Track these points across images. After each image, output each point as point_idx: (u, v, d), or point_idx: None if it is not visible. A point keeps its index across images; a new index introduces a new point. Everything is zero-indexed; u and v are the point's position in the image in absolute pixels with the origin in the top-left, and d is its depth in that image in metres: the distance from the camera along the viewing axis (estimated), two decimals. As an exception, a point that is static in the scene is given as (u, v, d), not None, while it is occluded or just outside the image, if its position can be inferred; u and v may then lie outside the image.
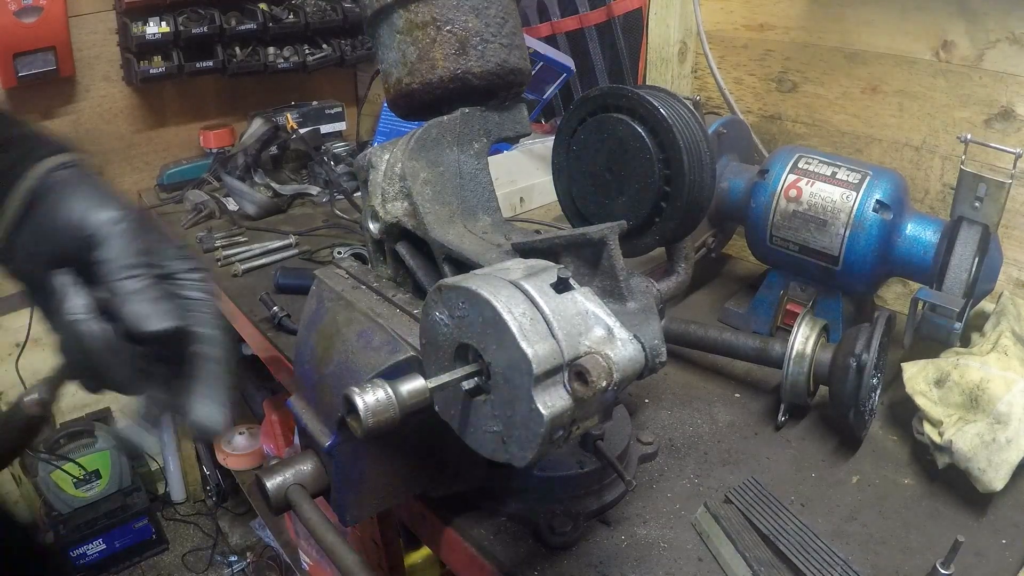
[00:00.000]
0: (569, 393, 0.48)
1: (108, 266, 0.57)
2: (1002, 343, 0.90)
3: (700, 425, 0.98)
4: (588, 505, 0.80)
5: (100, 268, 0.57)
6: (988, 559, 0.78)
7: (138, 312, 0.56)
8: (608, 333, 0.51)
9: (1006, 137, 1.09)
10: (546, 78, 1.64)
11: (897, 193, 1.02)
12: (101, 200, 0.60)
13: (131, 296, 0.56)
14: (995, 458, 0.80)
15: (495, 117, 0.76)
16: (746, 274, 1.39)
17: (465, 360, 0.51)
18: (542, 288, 0.50)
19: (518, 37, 0.74)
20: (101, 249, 0.58)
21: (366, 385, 0.41)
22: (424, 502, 0.85)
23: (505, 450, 0.50)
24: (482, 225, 0.74)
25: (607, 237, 0.60)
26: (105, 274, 0.57)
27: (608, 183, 0.87)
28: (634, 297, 0.61)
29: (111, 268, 0.57)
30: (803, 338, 0.93)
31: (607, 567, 0.75)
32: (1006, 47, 1.07)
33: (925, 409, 0.87)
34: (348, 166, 1.81)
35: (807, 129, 1.35)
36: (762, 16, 1.36)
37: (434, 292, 0.52)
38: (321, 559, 1.80)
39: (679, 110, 0.84)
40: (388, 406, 0.41)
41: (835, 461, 0.92)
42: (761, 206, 1.11)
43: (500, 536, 0.79)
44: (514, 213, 1.53)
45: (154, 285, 0.58)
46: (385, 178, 0.75)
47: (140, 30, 1.73)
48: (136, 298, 0.56)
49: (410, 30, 0.70)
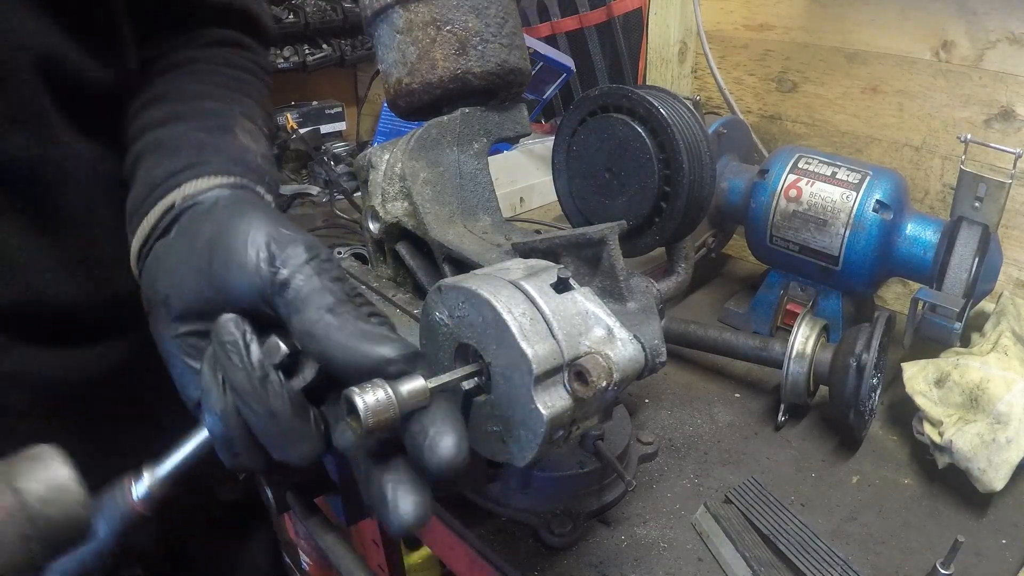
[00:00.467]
0: (569, 393, 0.48)
1: (304, 309, 0.44)
2: (1002, 343, 0.90)
3: (700, 425, 0.98)
4: (588, 505, 0.80)
5: (291, 311, 0.45)
6: (988, 559, 0.78)
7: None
8: (608, 333, 0.51)
9: (1006, 137, 1.09)
10: (546, 78, 1.64)
11: (897, 193, 1.02)
12: (283, 231, 0.48)
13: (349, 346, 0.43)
14: (995, 458, 0.80)
15: (495, 117, 0.76)
16: (746, 274, 1.39)
17: (465, 360, 0.51)
18: (542, 288, 0.50)
19: (518, 37, 0.74)
20: (291, 289, 0.45)
21: (366, 385, 0.41)
22: (424, 502, 0.85)
23: (505, 450, 0.50)
24: (482, 225, 0.74)
25: (607, 237, 0.60)
26: (300, 319, 0.44)
27: (608, 183, 0.87)
28: (634, 297, 0.61)
29: (308, 312, 0.44)
30: (803, 338, 0.93)
31: (607, 567, 0.75)
32: (1006, 47, 1.07)
33: (925, 409, 0.87)
34: (348, 166, 1.81)
35: (807, 129, 1.35)
36: (762, 16, 1.36)
37: (434, 292, 0.52)
38: (321, 559, 1.81)
39: (679, 110, 0.84)
40: (388, 406, 0.41)
41: (835, 461, 0.92)
42: (761, 206, 1.11)
43: (500, 536, 0.79)
44: (514, 213, 1.53)
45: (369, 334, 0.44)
46: (385, 178, 0.75)
47: (140, 30, 1.73)
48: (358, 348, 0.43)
49: (410, 30, 0.70)
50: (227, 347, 0.44)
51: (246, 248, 0.46)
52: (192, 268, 0.49)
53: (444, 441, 0.41)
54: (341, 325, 0.43)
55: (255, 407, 0.43)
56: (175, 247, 0.52)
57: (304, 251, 0.46)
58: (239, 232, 0.48)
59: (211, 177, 0.56)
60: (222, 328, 0.45)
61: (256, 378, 0.43)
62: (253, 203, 0.53)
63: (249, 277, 0.46)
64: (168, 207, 0.54)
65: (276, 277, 0.45)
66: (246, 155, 0.61)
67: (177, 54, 0.70)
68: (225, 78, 0.70)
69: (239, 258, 0.46)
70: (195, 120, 0.62)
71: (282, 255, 0.46)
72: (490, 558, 0.78)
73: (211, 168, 0.57)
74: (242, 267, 0.46)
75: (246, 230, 0.47)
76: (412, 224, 0.74)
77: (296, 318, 0.44)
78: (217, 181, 0.56)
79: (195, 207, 0.53)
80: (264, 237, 0.47)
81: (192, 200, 0.54)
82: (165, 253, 0.52)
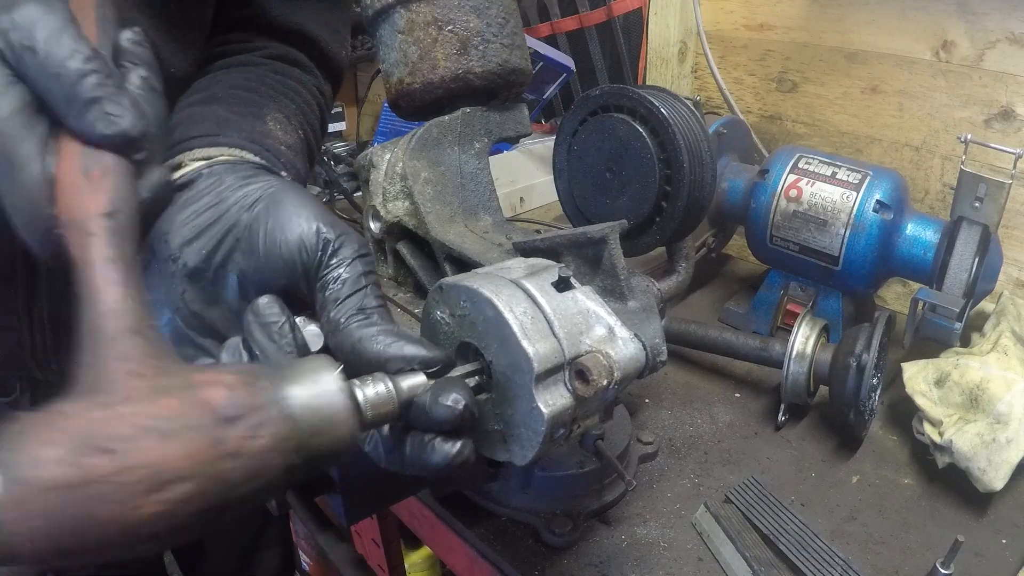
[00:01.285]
0: (570, 392, 0.48)
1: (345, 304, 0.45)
2: (1002, 343, 0.90)
3: (700, 425, 0.98)
4: (588, 505, 0.80)
5: (329, 302, 0.45)
6: (988, 559, 0.78)
7: None
8: (609, 332, 0.51)
9: (1006, 137, 1.09)
10: (546, 78, 1.64)
11: (897, 193, 1.02)
12: (316, 211, 0.48)
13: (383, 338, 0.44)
14: (995, 458, 0.80)
15: (496, 117, 0.76)
16: (746, 274, 1.39)
17: (466, 359, 0.51)
18: (543, 287, 0.51)
19: (519, 37, 0.74)
20: (337, 281, 0.45)
21: (367, 378, 0.41)
22: (424, 502, 0.85)
23: (506, 449, 0.50)
24: (483, 225, 0.74)
25: (608, 236, 0.60)
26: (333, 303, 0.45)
27: (609, 183, 0.87)
28: (635, 296, 0.61)
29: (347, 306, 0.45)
30: (803, 338, 0.93)
31: (607, 567, 0.75)
32: (1006, 47, 1.07)
33: (925, 409, 0.87)
34: (348, 166, 1.81)
35: (807, 129, 1.35)
36: (762, 16, 1.36)
37: (435, 291, 0.52)
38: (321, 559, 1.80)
39: (680, 110, 0.84)
40: (388, 400, 0.41)
41: (835, 461, 0.92)
42: (761, 206, 1.11)
43: (500, 536, 0.79)
44: (514, 213, 1.53)
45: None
46: (386, 178, 0.75)
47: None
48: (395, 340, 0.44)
49: (411, 30, 0.70)
50: (272, 329, 0.43)
51: (301, 225, 0.46)
52: (223, 226, 0.48)
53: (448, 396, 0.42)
54: (375, 328, 0.44)
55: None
56: (200, 201, 0.49)
57: (355, 244, 0.47)
58: (290, 207, 0.47)
59: (223, 148, 0.55)
60: (265, 309, 0.44)
61: None
62: (294, 186, 0.51)
63: (297, 255, 0.46)
64: (178, 164, 0.53)
65: (326, 265, 0.45)
66: (266, 139, 0.60)
67: (233, 57, 0.71)
68: (272, 80, 0.70)
69: (289, 234, 0.46)
70: (228, 103, 0.62)
71: (336, 242, 0.46)
72: (490, 558, 0.78)
73: (225, 140, 0.56)
74: (290, 244, 0.46)
75: (298, 209, 0.47)
76: (413, 223, 0.74)
77: (335, 309, 0.44)
78: (228, 152, 0.55)
79: (223, 174, 0.51)
80: (317, 221, 0.46)
81: (214, 164, 0.52)
82: (186, 204, 0.49)
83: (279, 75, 0.71)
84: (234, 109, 0.62)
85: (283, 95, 0.69)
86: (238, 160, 0.54)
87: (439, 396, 0.42)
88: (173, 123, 0.59)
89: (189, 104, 0.62)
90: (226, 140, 0.56)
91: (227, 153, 0.55)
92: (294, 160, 0.62)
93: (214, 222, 0.48)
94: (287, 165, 0.60)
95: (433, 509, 0.84)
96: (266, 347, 0.43)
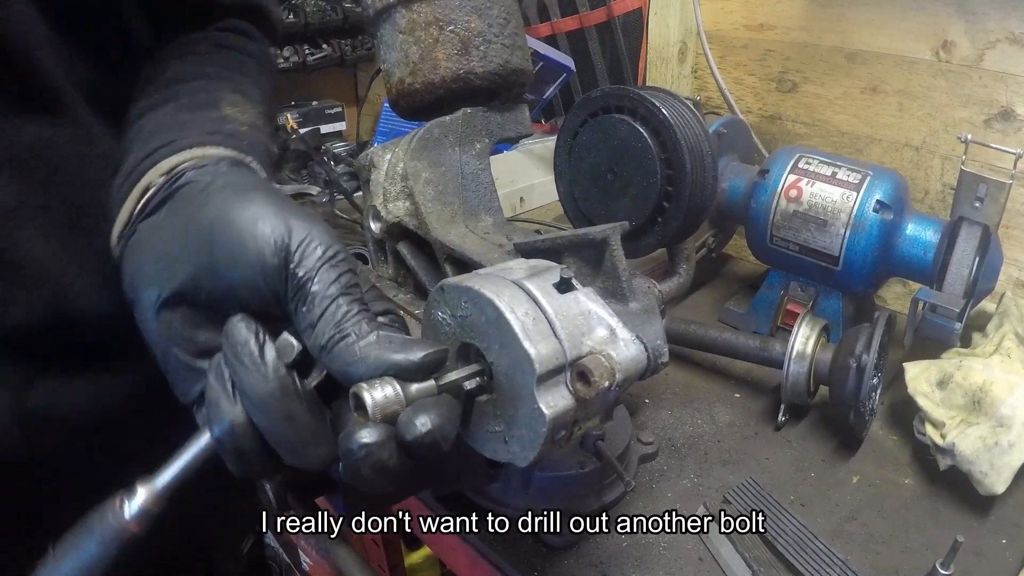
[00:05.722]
0: (571, 393, 0.48)
1: (323, 321, 0.43)
2: (1005, 345, 0.90)
3: (700, 425, 0.98)
4: (588, 505, 0.80)
5: (307, 320, 0.44)
6: (988, 559, 0.78)
7: None
8: (611, 333, 0.51)
9: (1006, 137, 1.09)
10: (546, 78, 1.64)
11: (897, 193, 1.02)
12: (294, 220, 0.45)
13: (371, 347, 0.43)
14: (997, 461, 0.80)
15: (497, 117, 0.76)
16: (746, 274, 1.39)
17: (467, 360, 0.51)
18: (545, 288, 0.50)
19: (520, 37, 0.74)
20: (308, 296, 0.43)
21: (374, 381, 0.41)
22: (424, 502, 0.85)
23: (507, 450, 0.50)
24: (484, 225, 0.74)
25: (609, 237, 0.60)
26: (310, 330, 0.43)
27: (610, 184, 0.87)
28: (636, 298, 0.61)
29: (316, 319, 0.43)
30: (803, 338, 0.93)
31: (607, 567, 0.75)
32: (1006, 47, 1.07)
33: (927, 410, 0.87)
34: (348, 166, 1.81)
35: (807, 129, 1.35)
36: (762, 16, 1.36)
37: (436, 292, 0.52)
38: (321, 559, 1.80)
39: (680, 110, 0.84)
40: (395, 402, 0.41)
41: (835, 461, 0.92)
42: (761, 206, 1.11)
43: (500, 536, 0.79)
44: (514, 213, 1.53)
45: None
46: (387, 178, 0.75)
47: (140, 29, 1.73)
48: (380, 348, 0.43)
49: (412, 30, 0.70)
50: (239, 350, 0.42)
51: (256, 240, 0.44)
52: (188, 252, 0.46)
53: (420, 418, 0.42)
54: (356, 347, 0.43)
55: (272, 412, 0.42)
56: (166, 228, 0.48)
57: (319, 248, 0.44)
58: (244, 220, 0.45)
59: (186, 151, 0.52)
60: (233, 331, 0.43)
61: (272, 382, 0.42)
62: (254, 185, 0.49)
63: (260, 273, 0.44)
64: (146, 187, 0.51)
65: (292, 279, 0.43)
66: (225, 126, 0.57)
67: (176, 44, 0.67)
68: (220, 58, 0.67)
69: (248, 252, 0.44)
70: (180, 99, 0.58)
71: (298, 252, 0.44)
72: (490, 558, 0.78)
73: (187, 142, 0.53)
74: (251, 263, 0.44)
75: (253, 220, 0.44)
76: (414, 224, 0.74)
77: (312, 336, 0.43)
78: (194, 154, 0.52)
79: (188, 186, 0.49)
80: (275, 229, 0.44)
81: (179, 174, 0.50)
82: (152, 234, 0.48)
83: (227, 50, 0.68)
84: (190, 103, 0.58)
85: (236, 71, 0.66)
86: (202, 164, 0.51)
87: (413, 417, 0.42)
88: (128, 141, 0.56)
89: (139, 115, 0.58)
90: (187, 142, 0.53)
91: (190, 157, 0.52)
92: (257, 137, 0.59)
93: (179, 253, 0.46)
94: (252, 146, 0.57)
95: (433, 509, 0.84)
96: (237, 368, 0.42)
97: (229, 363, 0.43)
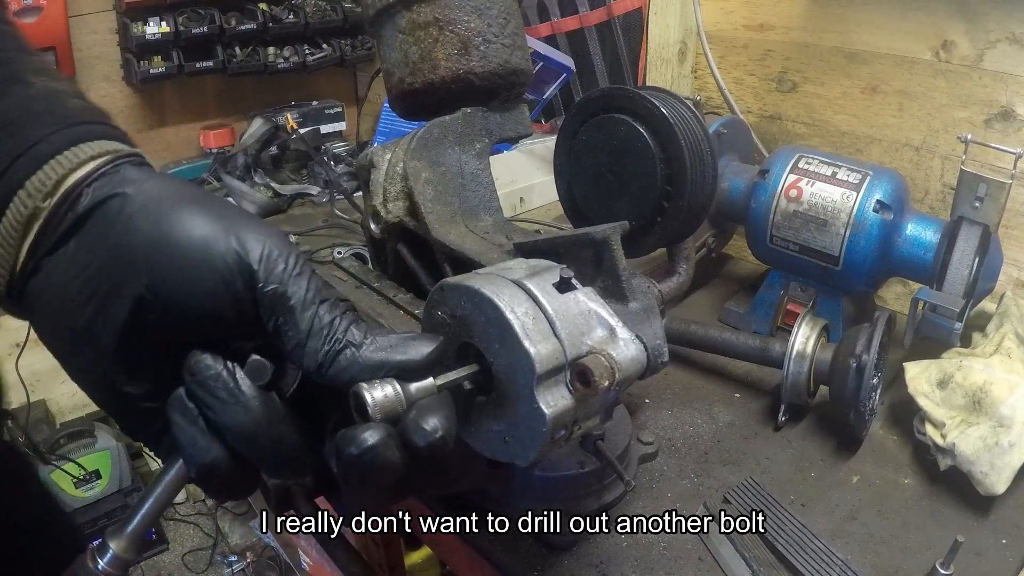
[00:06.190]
0: (571, 393, 0.48)
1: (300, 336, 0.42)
2: (1005, 345, 0.90)
3: (700, 425, 0.98)
4: (588, 505, 0.80)
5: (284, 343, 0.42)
6: (988, 559, 0.78)
7: None
8: (610, 333, 0.51)
9: (1006, 137, 1.09)
10: (546, 78, 1.64)
11: (897, 193, 1.02)
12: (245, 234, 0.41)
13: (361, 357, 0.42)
14: (998, 462, 0.80)
15: (497, 117, 0.76)
16: (746, 274, 1.39)
17: (467, 360, 0.51)
18: (545, 288, 0.50)
19: (520, 38, 0.74)
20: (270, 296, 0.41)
21: (375, 381, 0.41)
22: (424, 502, 0.85)
23: (507, 450, 0.50)
24: (484, 225, 0.74)
25: (609, 237, 0.60)
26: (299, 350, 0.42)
27: (610, 184, 0.87)
28: (636, 297, 0.61)
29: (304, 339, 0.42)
30: (803, 338, 0.93)
31: (607, 567, 0.75)
32: (1006, 47, 1.07)
33: (927, 410, 0.87)
34: (348, 166, 1.81)
35: (807, 129, 1.35)
36: (762, 16, 1.36)
37: (436, 291, 0.52)
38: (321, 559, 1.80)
39: (680, 110, 0.84)
40: (396, 402, 0.41)
41: (835, 461, 0.92)
42: (761, 206, 1.11)
43: (500, 536, 0.79)
44: (514, 213, 1.53)
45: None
46: (387, 178, 0.75)
47: (140, 30, 1.73)
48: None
49: (413, 30, 0.70)
50: (211, 385, 0.40)
51: (210, 264, 0.40)
52: (125, 288, 0.40)
53: (429, 420, 0.42)
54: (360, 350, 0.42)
55: (259, 441, 0.41)
56: (86, 264, 0.41)
57: (280, 260, 0.42)
58: (191, 244, 0.40)
59: (60, 158, 0.42)
60: (198, 366, 0.41)
61: (254, 411, 0.41)
62: (179, 194, 0.43)
63: (222, 299, 0.40)
64: (30, 215, 0.41)
65: (264, 299, 0.41)
66: (70, 102, 0.46)
67: None
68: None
69: (204, 280, 0.40)
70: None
71: (261, 269, 0.41)
72: (490, 558, 0.78)
73: (51, 146, 0.42)
74: (210, 291, 0.40)
75: (201, 243, 0.40)
76: (413, 224, 0.74)
77: (308, 348, 0.42)
78: (72, 161, 0.42)
79: (101, 209, 0.42)
80: (227, 248, 0.41)
81: (75, 196, 0.42)
82: (68, 273, 0.41)
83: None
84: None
85: (20, 51, 0.51)
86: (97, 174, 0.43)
87: (420, 420, 0.42)
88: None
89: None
90: (50, 146, 0.43)
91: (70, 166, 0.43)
92: (98, 108, 0.49)
93: (112, 291, 0.41)
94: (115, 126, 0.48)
95: (433, 509, 0.84)
96: (212, 404, 0.41)
97: (198, 399, 0.41)
